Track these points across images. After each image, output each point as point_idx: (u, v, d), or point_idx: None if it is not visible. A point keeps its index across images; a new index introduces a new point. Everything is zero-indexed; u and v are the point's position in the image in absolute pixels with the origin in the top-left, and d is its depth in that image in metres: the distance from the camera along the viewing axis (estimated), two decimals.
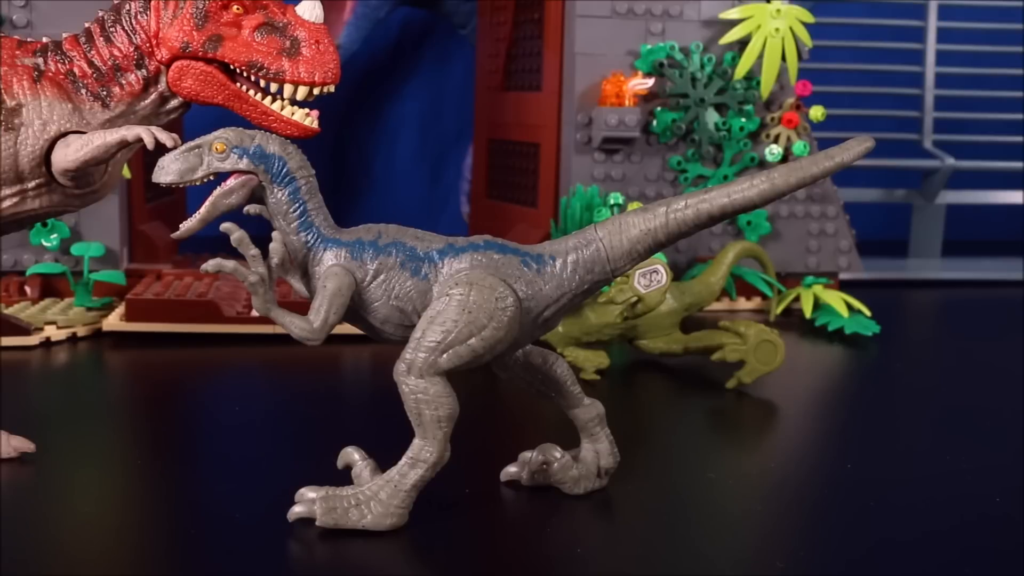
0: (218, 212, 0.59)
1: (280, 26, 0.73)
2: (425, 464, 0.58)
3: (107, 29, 0.74)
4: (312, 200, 0.59)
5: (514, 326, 0.58)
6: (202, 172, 0.58)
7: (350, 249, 0.59)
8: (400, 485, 0.58)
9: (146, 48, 0.73)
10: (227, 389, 0.98)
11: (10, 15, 1.15)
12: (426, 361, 0.56)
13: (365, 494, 0.59)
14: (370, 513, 0.58)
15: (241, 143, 0.58)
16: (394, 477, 0.58)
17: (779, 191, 0.52)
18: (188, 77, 0.73)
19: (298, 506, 0.59)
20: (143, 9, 0.73)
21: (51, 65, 0.74)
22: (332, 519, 0.58)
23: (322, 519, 0.58)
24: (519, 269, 0.59)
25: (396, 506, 0.58)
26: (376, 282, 0.59)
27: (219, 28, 0.72)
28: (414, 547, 0.59)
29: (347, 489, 0.60)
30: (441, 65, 1.92)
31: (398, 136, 1.93)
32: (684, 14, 1.31)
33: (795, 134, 1.32)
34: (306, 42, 0.73)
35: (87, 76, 0.74)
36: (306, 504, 0.59)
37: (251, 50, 0.72)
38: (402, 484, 0.58)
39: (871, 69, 1.82)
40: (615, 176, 1.32)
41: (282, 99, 0.74)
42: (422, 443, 0.58)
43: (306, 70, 0.72)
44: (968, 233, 1.87)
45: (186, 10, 0.72)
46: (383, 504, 0.58)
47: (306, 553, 0.58)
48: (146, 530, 0.62)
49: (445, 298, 0.57)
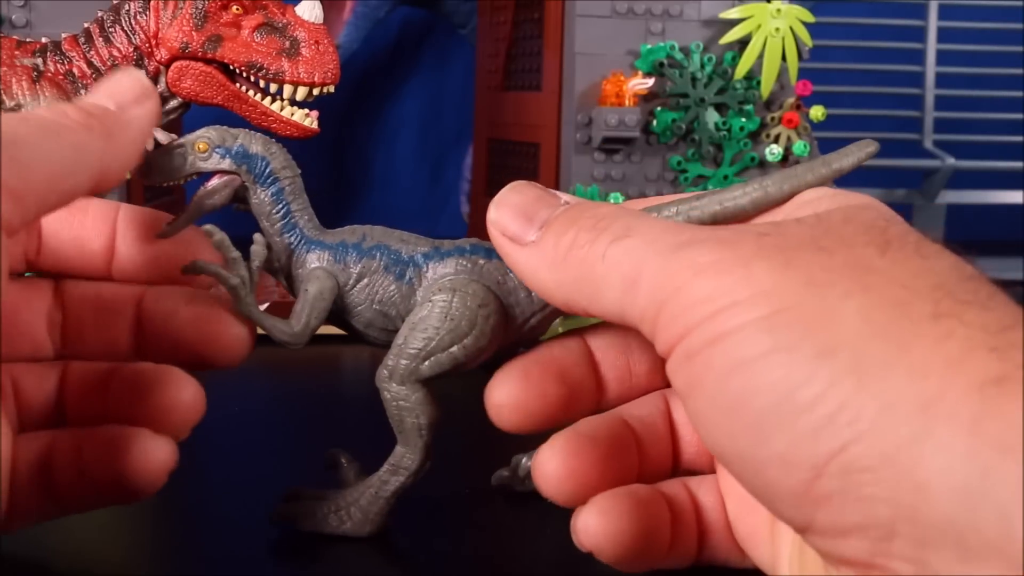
0: (201, 212, 0.58)
1: (280, 26, 0.73)
2: (406, 471, 0.57)
3: (106, 29, 0.74)
4: (296, 201, 0.58)
5: (498, 334, 0.56)
6: (185, 171, 0.57)
7: (333, 252, 0.58)
8: (380, 492, 0.58)
9: (145, 48, 0.73)
10: (224, 388, 0.98)
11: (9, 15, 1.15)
12: (407, 368, 0.55)
13: (346, 500, 0.59)
14: (349, 520, 0.58)
15: (223, 143, 0.57)
16: (375, 484, 0.58)
17: (772, 199, 0.51)
18: (187, 77, 0.73)
19: (281, 508, 0.59)
20: (142, 9, 0.73)
21: (50, 65, 0.74)
22: (311, 524, 0.58)
23: (302, 523, 0.58)
24: (504, 275, 0.57)
25: (375, 513, 0.58)
26: (359, 286, 0.57)
27: (218, 28, 0.72)
28: (405, 550, 0.59)
29: (329, 493, 0.59)
30: (441, 65, 1.92)
31: (398, 136, 1.93)
32: (684, 14, 1.31)
33: (795, 134, 1.32)
34: (306, 42, 0.73)
35: (86, 76, 0.74)
36: (288, 507, 0.59)
37: (251, 50, 0.72)
38: (382, 491, 0.58)
39: (871, 69, 1.82)
40: (615, 176, 1.32)
41: (282, 99, 0.74)
42: (404, 450, 0.57)
43: (306, 70, 0.72)
44: (968, 233, 1.86)
45: (185, 10, 0.72)
46: (363, 511, 0.58)
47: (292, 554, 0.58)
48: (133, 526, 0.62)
49: (428, 304, 0.56)
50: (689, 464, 0.56)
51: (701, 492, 0.54)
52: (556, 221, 0.48)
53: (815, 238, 0.42)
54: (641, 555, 0.51)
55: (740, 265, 0.41)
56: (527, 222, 0.49)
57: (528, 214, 0.49)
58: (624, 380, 0.56)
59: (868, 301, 0.38)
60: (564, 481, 0.51)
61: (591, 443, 0.52)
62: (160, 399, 0.53)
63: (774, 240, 0.42)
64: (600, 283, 0.45)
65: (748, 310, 0.39)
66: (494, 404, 0.53)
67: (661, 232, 0.44)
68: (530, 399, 0.53)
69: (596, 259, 0.45)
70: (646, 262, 0.43)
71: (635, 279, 0.43)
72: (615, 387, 0.56)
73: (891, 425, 0.35)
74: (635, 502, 0.51)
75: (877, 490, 0.35)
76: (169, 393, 0.53)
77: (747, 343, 0.39)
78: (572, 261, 0.46)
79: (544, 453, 0.51)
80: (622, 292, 0.44)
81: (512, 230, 0.49)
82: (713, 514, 0.54)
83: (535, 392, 0.53)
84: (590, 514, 0.50)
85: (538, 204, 0.49)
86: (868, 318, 0.37)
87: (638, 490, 0.52)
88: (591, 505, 0.50)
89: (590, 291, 0.46)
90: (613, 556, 0.50)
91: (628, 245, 0.44)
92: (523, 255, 0.49)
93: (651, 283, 0.43)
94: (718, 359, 0.40)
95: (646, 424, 0.55)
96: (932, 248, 0.42)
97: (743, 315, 0.39)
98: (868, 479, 0.35)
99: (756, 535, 0.52)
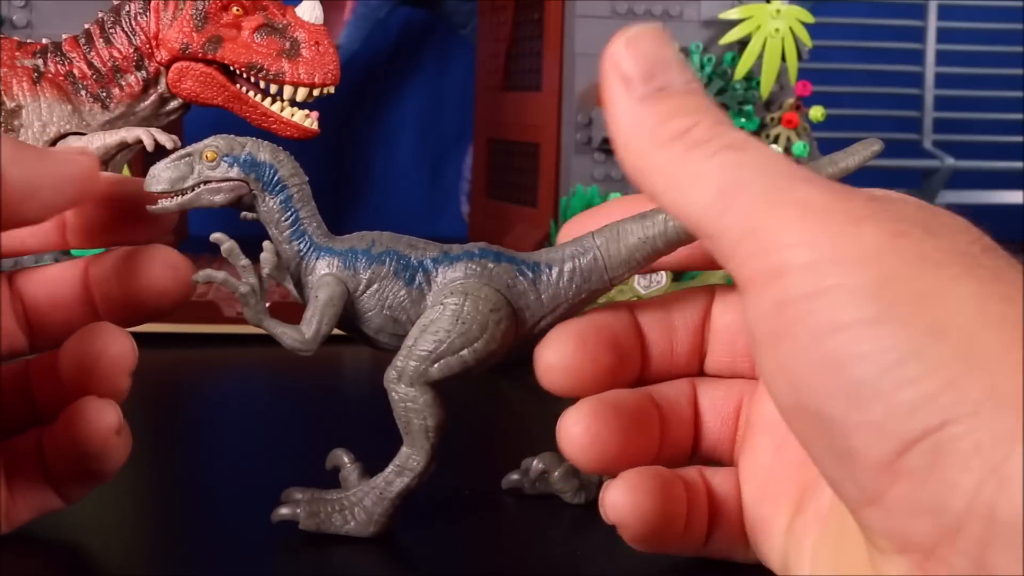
0: (197, 203, 0.57)
1: (280, 27, 0.73)
2: (412, 473, 0.57)
3: (107, 30, 0.74)
4: (304, 208, 0.58)
5: (508, 339, 0.56)
6: (193, 181, 0.57)
7: (343, 258, 0.58)
8: (385, 493, 0.58)
9: (146, 49, 0.73)
10: (226, 389, 0.98)
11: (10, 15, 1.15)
12: (417, 370, 0.56)
13: (350, 500, 0.58)
14: (353, 520, 0.58)
15: (231, 151, 0.57)
16: (380, 484, 0.58)
17: None
18: (188, 78, 0.73)
19: (283, 508, 0.59)
20: (143, 10, 0.73)
21: (51, 66, 0.74)
22: (315, 523, 0.58)
23: (305, 523, 0.58)
24: (514, 278, 0.57)
25: (380, 514, 0.58)
26: (369, 291, 0.57)
27: (219, 29, 0.72)
28: (410, 552, 0.59)
29: (333, 493, 0.59)
30: (441, 65, 1.92)
31: (398, 136, 1.93)
32: (684, 14, 1.31)
33: (795, 134, 1.32)
34: (306, 43, 0.73)
35: (87, 77, 0.74)
36: (291, 506, 0.59)
37: (251, 51, 0.72)
38: (387, 492, 0.58)
39: (871, 69, 1.82)
40: (615, 176, 1.32)
41: (282, 100, 0.74)
42: (410, 451, 0.57)
43: (306, 71, 0.72)
44: None
45: (186, 11, 0.72)
46: (367, 511, 0.58)
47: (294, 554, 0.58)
48: (133, 525, 0.62)
49: (439, 307, 0.56)
50: (708, 453, 0.56)
51: (716, 482, 0.54)
52: (681, 97, 0.44)
53: (924, 219, 0.41)
54: (660, 536, 0.51)
55: (851, 221, 0.39)
56: (648, 74, 0.45)
57: (654, 69, 0.45)
58: (666, 358, 0.56)
59: (981, 290, 0.37)
60: (587, 445, 0.51)
61: (616, 412, 0.52)
62: (93, 358, 0.53)
63: (884, 206, 0.40)
64: (695, 180, 0.42)
65: (855, 270, 0.38)
66: (545, 364, 0.53)
67: (777, 159, 0.42)
68: (583, 363, 0.53)
69: (703, 156, 0.42)
70: (755, 179, 0.41)
71: (736, 191, 0.41)
72: (657, 364, 0.56)
73: (993, 415, 0.34)
74: (662, 482, 0.51)
75: (962, 476, 0.34)
76: (97, 348, 0.53)
77: (851, 305, 0.37)
78: (677, 146, 0.43)
79: (571, 416, 0.51)
80: (715, 198, 0.41)
81: (632, 73, 0.45)
82: (725, 505, 0.54)
83: (589, 356, 0.53)
84: (619, 489, 0.50)
85: (668, 68, 0.45)
86: (982, 306, 0.37)
87: (663, 472, 0.52)
88: (621, 479, 0.51)
89: (679, 183, 0.42)
90: (635, 533, 0.51)
91: (742, 158, 0.41)
92: (629, 105, 0.44)
93: (751, 202, 0.40)
94: (817, 315, 0.38)
95: (672, 404, 0.55)
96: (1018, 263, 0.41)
97: (848, 275, 0.38)
98: (956, 462, 0.35)
99: (771, 524, 0.51)
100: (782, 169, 0.41)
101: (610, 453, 0.51)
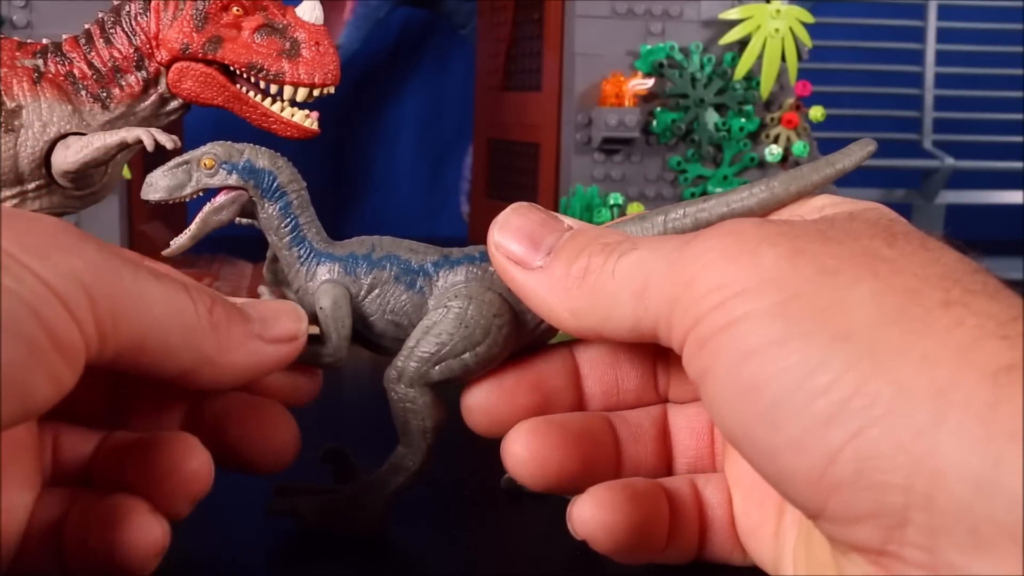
0: (209, 228, 0.58)
1: (280, 27, 0.73)
2: (407, 472, 0.57)
3: (107, 30, 0.74)
4: (304, 214, 0.58)
5: (509, 343, 0.56)
6: (191, 188, 0.57)
7: (343, 264, 0.57)
8: (380, 491, 0.58)
9: (146, 49, 0.73)
10: None
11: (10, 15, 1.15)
12: (417, 371, 0.56)
13: (344, 496, 0.59)
14: (348, 516, 0.58)
15: (230, 158, 0.57)
16: (375, 482, 0.58)
17: (779, 200, 0.51)
18: (188, 79, 0.73)
19: (279, 502, 0.59)
20: (143, 10, 0.73)
21: (51, 67, 0.74)
22: (310, 519, 0.58)
23: (299, 519, 0.58)
24: None
25: (375, 511, 0.58)
26: (371, 297, 0.57)
27: (219, 30, 0.72)
28: (414, 552, 0.59)
29: (327, 489, 0.59)
30: (441, 65, 1.92)
31: (398, 136, 1.93)
32: (684, 14, 1.31)
33: (795, 134, 1.32)
34: (306, 43, 0.73)
35: (87, 77, 0.74)
36: (286, 501, 0.59)
37: (251, 52, 0.72)
38: (382, 490, 0.58)
39: (871, 69, 1.82)
40: (615, 176, 1.32)
41: (282, 101, 0.74)
42: (405, 451, 0.57)
43: (306, 71, 0.72)
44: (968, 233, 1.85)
45: (186, 11, 0.72)
46: (361, 508, 0.58)
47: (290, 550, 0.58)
48: None
49: (443, 309, 0.56)
50: (691, 467, 0.57)
51: (708, 489, 0.55)
52: (565, 248, 0.49)
53: (822, 230, 0.43)
54: (636, 547, 0.52)
55: (747, 253, 0.41)
56: (533, 247, 0.49)
57: (534, 239, 0.50)
58: (611, 393, 0.57)
59: (879, 288, 0.38)
60: (528, 463, 0.52)
61: (560, 430, 0.53)
62: (166, 465, 0.50)
63: (780, 228, 0.43)
64: (612, 301, 0.46)
65: (757, 297, 0.40)
66: (464, 407, 0.55)
67: (665, 239, 0.46)
68: (499, 404, 0.55)
69: (607, 279, 0.46)
70: (654, 267, 0.44)
71: (644, 286, 0.44)
72: (600, 399, 0.57)
73: (906, 412, 0.35)
74: (631, 495, 0.51)
75: (891, 477, 0.35)
76: (174, 459, 0.50)
77: (758, 330, 0.39)
78: (586, 287, 0.47)
79: (510, 436, 0.53)
80: (634, 303, 0.45)
81: (518, 254, 0.50)
82: (717, 511, 0.54)
83: (506, 399, 0.55)
84: (585, 504, 0.51)
85: (543, 229, 0.50)
86: (880, 305, 0.38)
87: (635, 483, 0.53)
88: (587, 495, 0.51)
89: (604, 311, 0.46)
90: (607, 546, 0.51)
91: (634, 257, 0.45)
92: (531, 280, 0.49)
93: (660, 285, 0.44)
94: (729, 346, 0.40)
95: (630, 424, 0.56)
96: (936, 243, 0.42)
97: (753, 302, 0.40)
98: (882, 465, 0.35)
99: (760, 530, 0.52)
100: (672, 244, 0.45)
101: (553, 471, 0.52)
